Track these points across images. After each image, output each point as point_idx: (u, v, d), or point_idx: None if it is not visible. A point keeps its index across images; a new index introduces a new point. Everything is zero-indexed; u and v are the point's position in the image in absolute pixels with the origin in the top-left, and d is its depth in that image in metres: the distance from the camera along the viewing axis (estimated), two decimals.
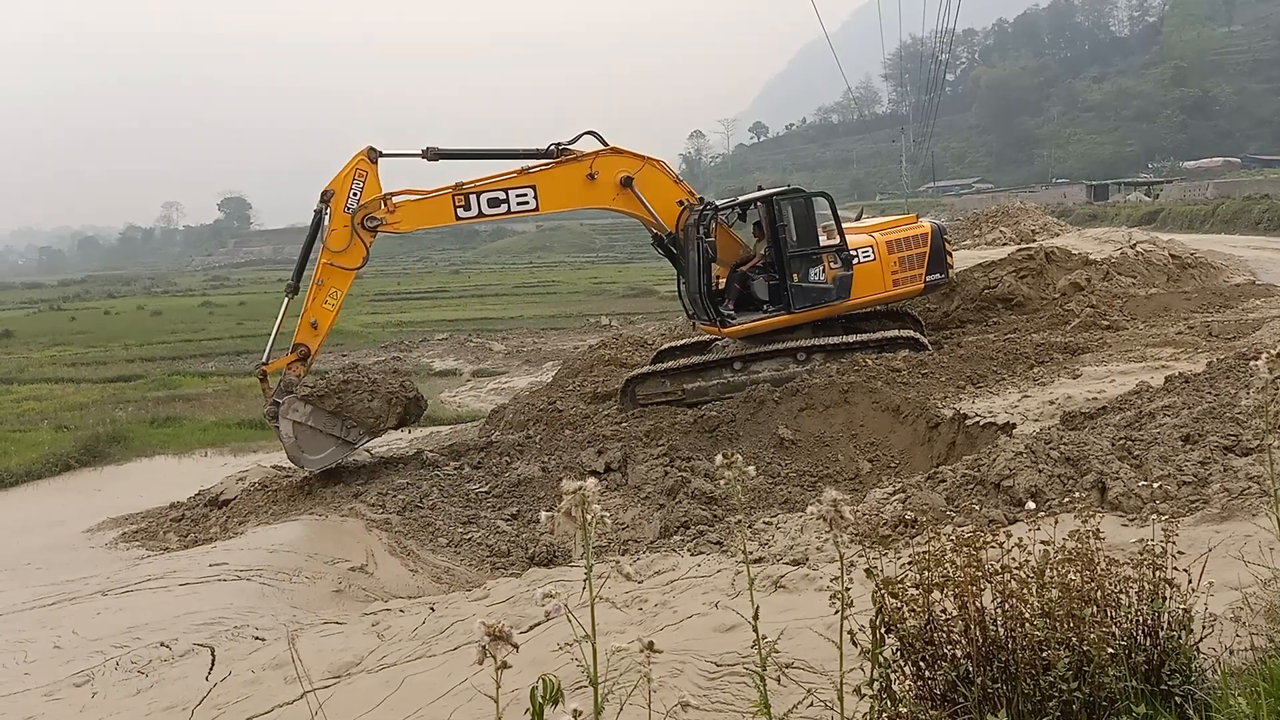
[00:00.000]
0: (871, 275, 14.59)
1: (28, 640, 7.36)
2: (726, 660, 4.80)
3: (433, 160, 12.79)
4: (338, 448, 12.03)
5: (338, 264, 12.28)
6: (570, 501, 2.25)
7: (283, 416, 11.69)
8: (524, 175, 13.07)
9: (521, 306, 42.62)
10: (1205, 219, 45.63)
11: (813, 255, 14.17)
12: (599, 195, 13.53)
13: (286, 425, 11.66)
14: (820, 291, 14.21)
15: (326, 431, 11.91)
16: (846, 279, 14.24)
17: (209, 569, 8.73)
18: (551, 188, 13.21)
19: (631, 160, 13.68)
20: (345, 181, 12.23)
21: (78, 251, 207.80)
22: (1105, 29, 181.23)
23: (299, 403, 11.83)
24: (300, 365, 12.18)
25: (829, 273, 14.22)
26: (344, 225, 12.20)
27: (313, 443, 11.83)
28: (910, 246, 15.00)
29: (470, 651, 3.89)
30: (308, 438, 11.80)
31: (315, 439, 11.85)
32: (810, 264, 14.18)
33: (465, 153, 13.43)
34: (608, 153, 13.49)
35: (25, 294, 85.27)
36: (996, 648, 3.04)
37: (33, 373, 28.55)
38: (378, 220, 12.35)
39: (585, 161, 13.31)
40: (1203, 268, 20.56)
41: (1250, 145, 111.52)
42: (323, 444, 11.90)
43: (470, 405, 20.57)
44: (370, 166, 12.34)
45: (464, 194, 12.77)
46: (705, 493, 10.12)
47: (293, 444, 11.70)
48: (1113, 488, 6.82)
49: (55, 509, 14.04)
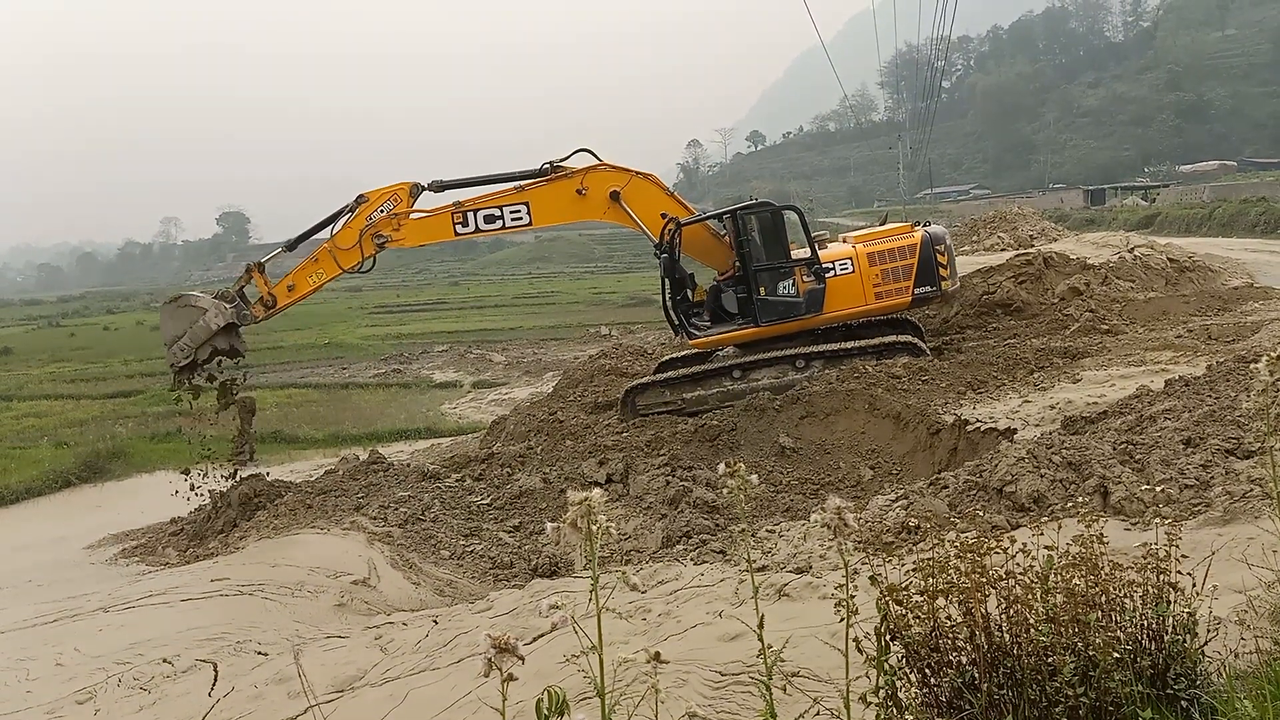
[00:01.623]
0: (850, 288, 14.28)
1: (29, 658, 7.34)
2: (731, 669, 4.79)
3: (438, 192, 13.81)
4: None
5: (336, 256, 13.34)
6: (575, 513, 2.26)
7: (208, 310, 12.75)
8: (519, 192, 13.80)
9: (521, 317, 42.65)
10: (1202, 222, 45.68)
11: (781, 269, 14.06)
12: (589, 209, 14.19)
13: (200, 316, 12.76)
14: (788, 305, 14.04)
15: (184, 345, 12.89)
16: (818, 292, 14.04)
17: (211, 584, 8.71)
18: (544, 204, 13.87)
19: (619, 175, 14.09)
20: (380, 198, 13.34)
21: (76, 268, 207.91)
22: (1100, 34, 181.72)
23: (227, 318, 12.81)
24: (261, 308, 13.31)
25: (800, 286, 14.06)
26: (357, 230, 13.26)
27: (172, 326, 12.95)
28: (896, 258, 14.53)
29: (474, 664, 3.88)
30: (177, 327, 12.88)
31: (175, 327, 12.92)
32: (778, 277, 14.05)
33: (466, 181, 14.14)
34: (596, 169, 14.00)
35: (24, 311, 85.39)
36: (1002, 654, 3.03)
37: (32, 389, 28.55)
38: (385, 237, 13.38)
39: (575, 178, 13.88)
40: (1200, 271, 20.61)
41: (1246, 148, 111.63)
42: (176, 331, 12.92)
43: (471, 417, 20.56)
44: (406, 197, 13.49)
45: (462, 211, 13.66)
46: (707, 502, 10.10)
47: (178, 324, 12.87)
48: (1115, 492, 6.82)
49: (56, 526, 14.03)
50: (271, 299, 13.33)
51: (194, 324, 12.75)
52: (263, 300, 13.34)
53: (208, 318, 12.74)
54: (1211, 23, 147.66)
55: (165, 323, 13.12)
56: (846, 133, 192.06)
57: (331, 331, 41.52)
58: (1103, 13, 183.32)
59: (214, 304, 12.90)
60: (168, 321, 13.07)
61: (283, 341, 37.27)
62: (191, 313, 12.91)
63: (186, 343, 12.80)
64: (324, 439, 18.52)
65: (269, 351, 34.30)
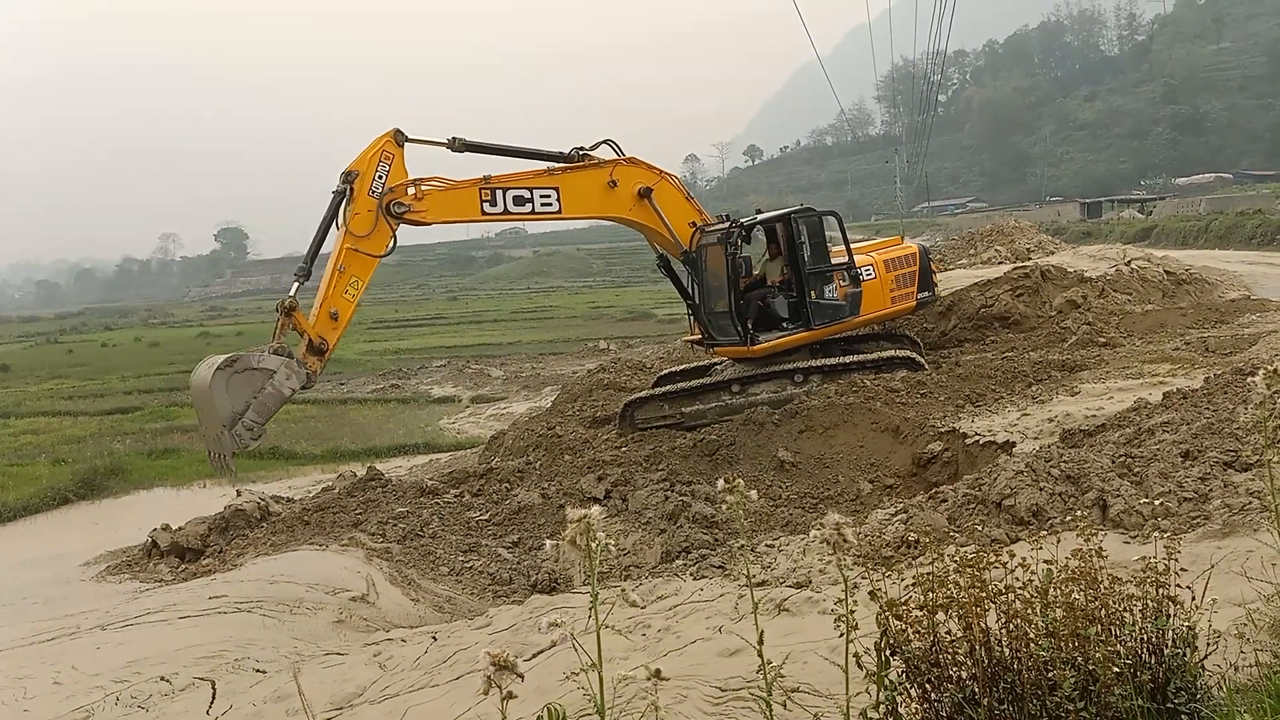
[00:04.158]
0: (875, 293, 14.93)
1: (27, 676, 7.30)
2: (731, 685, 4.77)
3: (458, 151, 12.39)
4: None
5: (361, 249, 11.49)
6: (575, 529, 2.26)
7: (277, 372, 10.54)
8: (550, 175, 12.77)
9: (519, 332, 42.65)
10: (1199, 235, 45.83)
11: (827, 273, 14.49)
12: (618, 204, 13.38)
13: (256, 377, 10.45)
14: (835, 308, 14.52)
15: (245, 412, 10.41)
16: (857, 295, 14.59)
17: (209, 601, 8.68)
18: (575, 192, 12.96)
19: (648, 172, 13.63)
20: (371, 163, 11.54)
21: (74, 284, 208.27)
22: (1095, 48, 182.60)
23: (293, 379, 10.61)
24: (315, 359, 11.11)
25: (840, 290, 14.52)
26: (369, 209, 11.49)
27: (230, 399, 10.36)
28: (903, 265, 15.44)
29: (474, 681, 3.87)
30: (238, 400, 10.39)
31: (238, 398, 10.40)
32: (825, 281, 14.49)
33: (491, 147, 13.00)
34: (626, 162, 13.42)
35: (22, 327, 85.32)
36: (1002, 668, 3.03)
37: (30, 406, 28.49)
38: (405, 207, 11.68)
39: (606, 168, 13.18)
40: (1197, 283, 20.64)
41: (1242, 161, 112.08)
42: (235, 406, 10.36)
43: (469, 432, 20.53)
44: (396, 150, 11.78)
45: (490, 188, 12.34)
46: (706, 517, 10.09)
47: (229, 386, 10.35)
48: (1114, 505, 6.82)
49: (53, 543, 13.98)
50: (321, 341, 11.13)
51: (260, 392, 10.42)
52: (311, 346, 11.08)
53: (278, 381, 10.46)
54: (1206, 36, 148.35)
55: (219, 396, 10.30)
56: (843, 146, 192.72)
57: None
58: (1098, 26, 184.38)
59: (283, 362, 10.64)
60: (223, 395, 10.30)
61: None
62: (255, 377, 10.47)
63: (254, 419, 10.42)
64: (322, 454, 18.49)
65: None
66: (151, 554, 11.91)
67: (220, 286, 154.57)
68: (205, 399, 10.54)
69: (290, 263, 63.63)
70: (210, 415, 10.65)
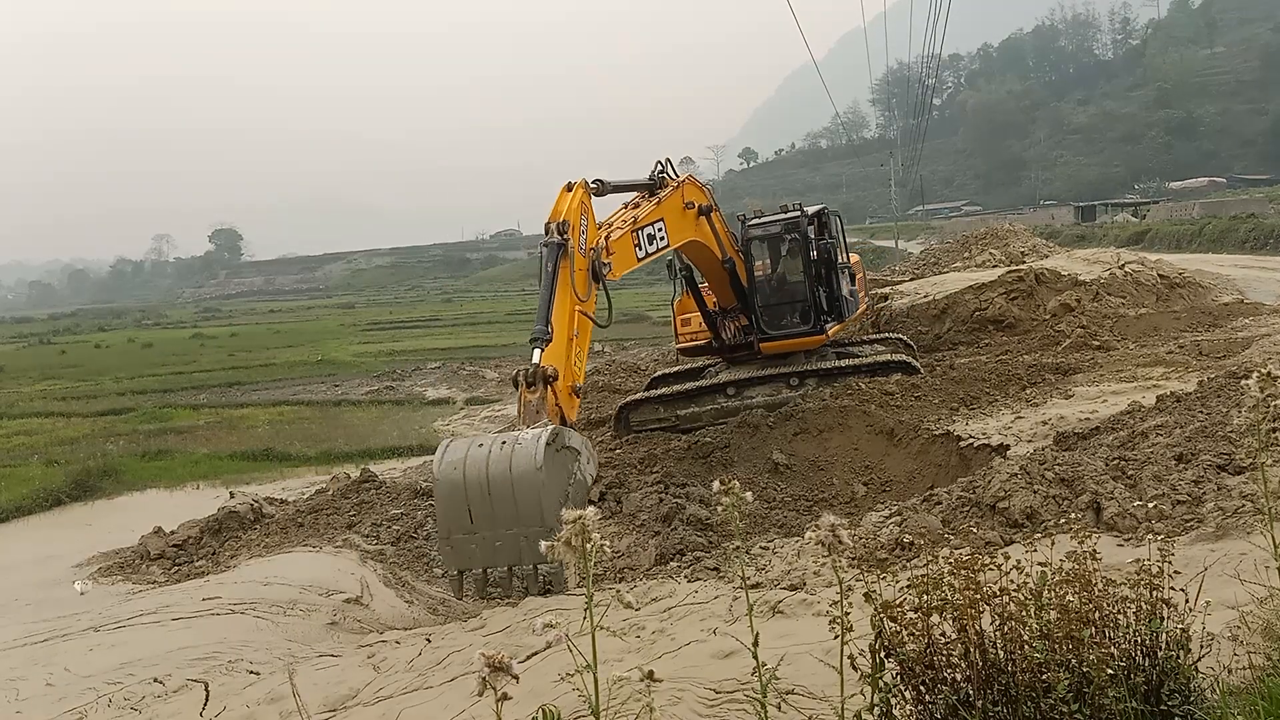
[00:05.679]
0: (858, 292, 16.27)
1: (19, 678, 7.28)
2: (726, 687, 4.77)
3: (600, 195, 10.98)
4: None
5: (586, 313, 9.78)
6: (570, 531, 2.26)
7: (582, 454, 8.41)
8: (657, 207, 11.83)
9: (514, 334, 42.54)
10: (1192, 238, 46.00)
11: (845, 269, 15.33)
12: (692, 226, 12.74)
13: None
14: (851, 303, 15.56)
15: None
16: (855, 291, 15.72)
17: (202, 603, 8.66)
18: (672, 220, 12.13)
19: (701, 191, 13.21)
20: (577, 215, 9.93)
21: (68, 285, 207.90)
22: (1089, 52, 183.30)
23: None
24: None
25: (845, 286, 15.38)
26: (581, 269, 9.79)
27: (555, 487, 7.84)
28: (859, 271, 16.91)
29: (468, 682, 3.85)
30: (558, 486, 7.93)
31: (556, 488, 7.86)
32: (848, 277, 15.51)
33: (626, 185, 12.08)
34: (688, 181, 12.89)
35: (15, 328, 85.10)
36: (996, 670, 3.03)
37: (22, 407, 28.38)
38: (607, 266, 10.18)
39: (679, 191, 12.48)
40: (1191, 287, 20.70)
41: (1235, 165, 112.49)
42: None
43: (464, 434, 20.50)
44: (590, 201, 10.41)
45: (636, 231, 11.26)
46: (700, 519, 10.09)
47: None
48: (1108, 508, 6.83)
49: (46, 545, 13.92)
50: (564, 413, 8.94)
51: (573, 478, 8.15)
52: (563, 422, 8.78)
53: (583, 466, 8.32)
54: (1200, 40, 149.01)
55: (551, 487, 7.65)
56: (838, 150, 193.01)
57: (324, 348, 41.44)
58: (1092, 31, 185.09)
59: (584, 441, 8.64)
60: (553, 484, 7.72)
61: (275, 359, 37.19)
62: (568, 459, 8.18)
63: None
64: (316, 456, 18.43)
65: (261, 369, 34.24)
66: (144, 557, 11.89)
67: (214, 288, 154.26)
68: (528, 486, 7.62)
69: (284, 264, 63.70)
70: (516, 512, 7.66)
